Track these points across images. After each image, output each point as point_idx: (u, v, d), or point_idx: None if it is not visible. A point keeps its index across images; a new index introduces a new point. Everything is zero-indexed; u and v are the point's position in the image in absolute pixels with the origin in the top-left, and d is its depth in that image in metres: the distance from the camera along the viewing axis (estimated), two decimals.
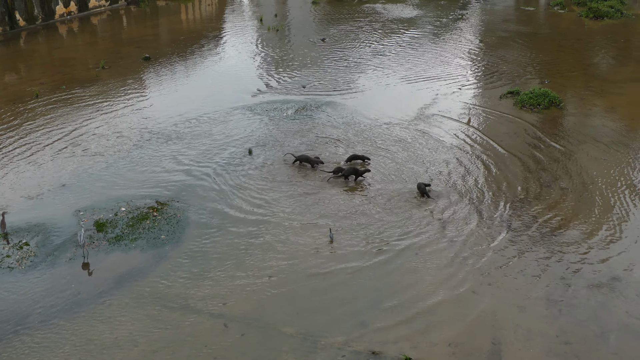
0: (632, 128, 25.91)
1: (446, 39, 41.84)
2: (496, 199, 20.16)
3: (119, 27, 45.79)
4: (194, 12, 53.20)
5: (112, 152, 23.70)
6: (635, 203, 19.91)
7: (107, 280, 16.25)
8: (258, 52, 38.52)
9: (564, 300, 15.39)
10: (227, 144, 24.35)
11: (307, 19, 48.81)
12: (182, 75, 33.65)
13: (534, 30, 45.27)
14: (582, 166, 22.42)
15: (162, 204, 19.87)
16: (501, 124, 26.51)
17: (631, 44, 40.14)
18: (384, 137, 24.89)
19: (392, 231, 18.34)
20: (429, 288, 15.87)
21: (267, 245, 17.70)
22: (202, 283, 16.12)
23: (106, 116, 27.29)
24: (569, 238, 17.98)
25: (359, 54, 37.82)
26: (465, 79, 32.69)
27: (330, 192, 20.68)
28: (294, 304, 15.37)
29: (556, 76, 33.13)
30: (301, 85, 30.22)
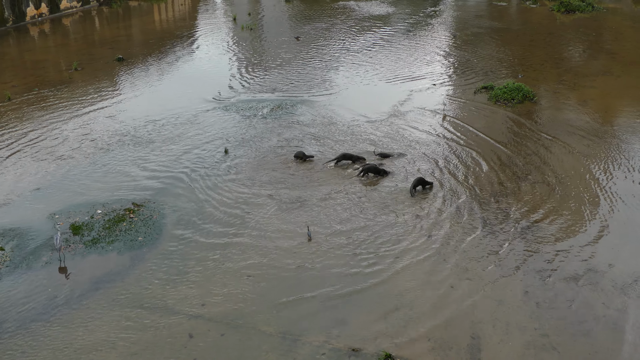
0: (605, 120, 26.17)
1: (419, 35, 41.99)
2: (473, 194, 20.27)
3: (92, 28, 45.46)
4: (166, 12, 52.94)
5: (86, 155, 23.53)
6: (609, 195, 20.11)
7: (84, 284, 16.14)
8: (232, 52, 38.42)
9: (541, 293, 15.51)
10: (203, 144, 24.28)
11: (280, 17, 48.77)
12: (156, 76, 33.48)
13: (506, 25, 45.57)
14: (557, 159, 22.61)
15: (138, 205, 19.77)
16: (476, 119, 26.66)
17: (602, 38, 40.53)
18: (361, 134, 24.93)
19: (366, 223, 18.39)
20: (407, 284, 15.93)
21: (245, 245, 17.67)
22: (180, 284, 16.06)
23: (80, 119, 27.08)
24: (545, 231, 18.13)
25: (334, 51, 37.86)
26: (440, 75, 32.84)
27: (311, 188, 20.68)
28: (273, 302, 15.36)
29: (529, 70, 33.38)
30: (272, 89, 30.11)
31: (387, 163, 22.31)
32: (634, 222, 18.59)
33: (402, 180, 21.18)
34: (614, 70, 33.06)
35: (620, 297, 15.30)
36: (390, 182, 21.08)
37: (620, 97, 29.23)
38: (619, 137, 24.51)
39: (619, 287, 15.65)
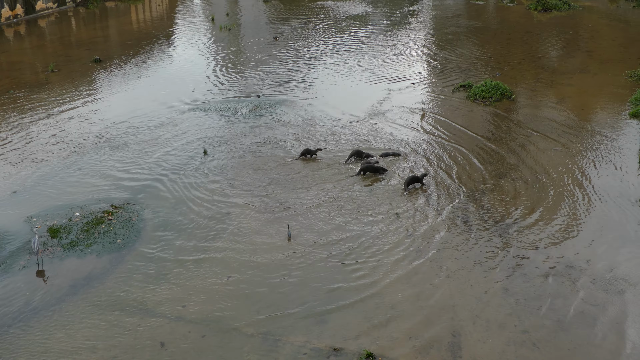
0: (582, 118, 26.35)
1: (398, 35, 42.09)
2: (452, 191, 20.33)
3: (68, 30, 45.13)
4: (144, 12, 52.66)
5: (64, 157, 23.34)
6: (586, 192, 20.25)
7: (63, 287, 16.01)
8: (210, 52, 38.31)
9: (521, 289, 15.59)
10: (182, 145, 24.18)
11: (259, 17, 48.69)
12: (134, 77, 33.29)
13: (484, 24, 45.79)
14: (534, 157, 22.74)
15: (117, 207, 19.65)
16: (454, 117, 26.75)
17: (579, 36, 40.83)
18: (342, 134, 24.94)
19: (348, 225, 18.40)
20: (387, 282, 15.94)
21: (225, 245, 17.61)
22: (160, 286, 15.97)
23: (57, 121, 26.87)
24: (523, 228, 18.22)
25: (312, 51, 37.86)
26: (418, 74, 32.94)
27: (288, 186, 20.65)
28: (254, 303, 15.32)
29: (507, 69, 33.56)
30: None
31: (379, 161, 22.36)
32: (611, 218, 18.73)
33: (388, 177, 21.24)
34: (591, 68, 33.30)
35: (598, 293, 15.40)
36: (365, 181, 21.13)
37: (596, 95, 29.45)
38: (596, 134, 24.69)
39: (598, 283, 15.76)
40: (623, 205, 19.45)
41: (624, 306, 15.00)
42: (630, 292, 15.47)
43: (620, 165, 21.99)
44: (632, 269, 16.33)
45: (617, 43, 38.91)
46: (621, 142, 23.91)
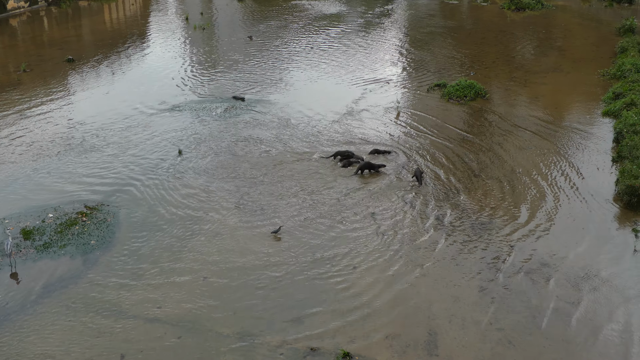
0: (555, 116, 26.57)
1: (373, 34, 42.16)
2: (427, 191, 20.39)
3: (40, 29, 44.69)
4: (117, 11, 52.28)
5: (36, 158, 23.08)
6: (560, 190, 20.41)
7: (36, 289, 15.83)
8: (184, 52, 38.12)
9: (496, 288, 15.67)
10: (157, 145, 24.02)
11: (233, 16, 48.56)
12: (107, 77, 33.03)
13: (458, 23, 46.02)
14: (509, 155, 22.88)
15: (91, 208, 19.47)
16: (429, 116, 26.84)
17: (551, 35, 41.16)
18: (317, 133, 24.92)
19: (323, 222, 18.39)
20: (364, 282, 15.95)
21: (200, 246, 17.52)
22: (136, 287, 15.85)
23: (29, 122, 26.57)
24: (498, 227, 18.32)
25: (286, 50, 37.81)
26: (393, 74, 33.02)
27: (265, 187, 20.61)
28: (230, 304, 15.25)
29: (481, 68, 33.75)
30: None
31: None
32: (585, 216, 18.90)
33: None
34: (564, 67, 33.60)
35: (573, 290, 15.53)
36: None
37: (570, 93, 29.71)
38: (570, 132, 24.91)
39: (572, 280, 15.89)
40: (597, 203, 19.63)
41: (597, 303, 15.13)
42: (603, 289, 15.62)
43: (594, 163, 22.20)
44: (605, 266, 16.49)
45: (590, 42, 39.29)
46: (594, 140, 24.14)
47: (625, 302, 15.20)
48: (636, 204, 19.26)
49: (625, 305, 15.07)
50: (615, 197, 19.95)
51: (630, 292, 15.53)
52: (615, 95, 27.74)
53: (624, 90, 27.59)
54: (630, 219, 18.81)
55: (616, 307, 15.02)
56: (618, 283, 15.85)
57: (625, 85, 28.21)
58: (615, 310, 14.92)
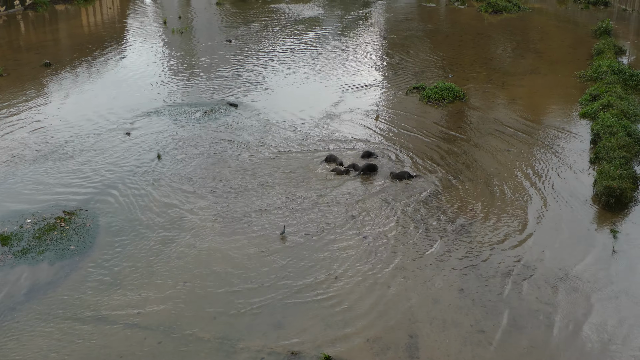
0: (533, 119, 26.75)
1: (351, 38, 42.22)
2: (406, 193, 20.45)
3: (17, 33, 44.33)
4: (94, 15, 51.98)
5: (13, 164, 22.88)
6: (539, 192, 20.55)
7: (14, 296, 15.68)
8: (163, 56, 37.97)
9: (476, 290, 15.74)
10: (135, 150, 23.89)
11: (212, 20, 48.44)
12: (85, 81, 32.80)
13: (435, 26, 46.22)
14: (488, 157, 23.01)
15: (70, 213, 19.33)
16: (408, 119, 26.92)
17: (528, 37, 41.45)
18: (297, 137, 24.91)
19: (304, 228, 18.38)
20: (344, 285, 15.96)
21: (181, 250, 17.45)
22: (115, 292, 15.75)
23: (4, 126, 26.32)
24: (478, 229, 18.41)
25: (265, 54, 37.78)
26: (372, 76, 33.09)
27: (247, 191, 20.56)
28: (210, 308, 15.20)
29: (459, 71, 33.91)
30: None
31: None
32: (563, 217, 19.04)
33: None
34: (541, 69, 33.84)
35: (552, 292, 15.63)
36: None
37: (547, 96, 29.94)
38: (548, 134, 25.10)
39: (551, 282, 15.99)
40: (575, 204, 19.79)
41: (577, 304, 15.25)
42: (582, 289, 15.74)
43: (572, 165, 22.38)
44: (584, 267, 16.63)
45: (566, 44, 39.62)
46: (572, 142, 24.34)
47: (604, 301, 15.32)
48: (614, 205, 19.44)
49: (605, 305, 15.20)
50: (594, 198, 20.12)
51: (609, 292, 15.67)
52: (592, 97, 27.98)
53: (600, 92, 27.84)
54: (608, 220, 18.97)
55: (595, 307, 15.14)
56: (597, 283, 15.98)
57: (602, 87, 28.47)
58: (594, 310, 15.03)
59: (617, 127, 23.40)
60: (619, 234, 18.20)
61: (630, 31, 43.04)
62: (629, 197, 19.72)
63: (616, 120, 24.04)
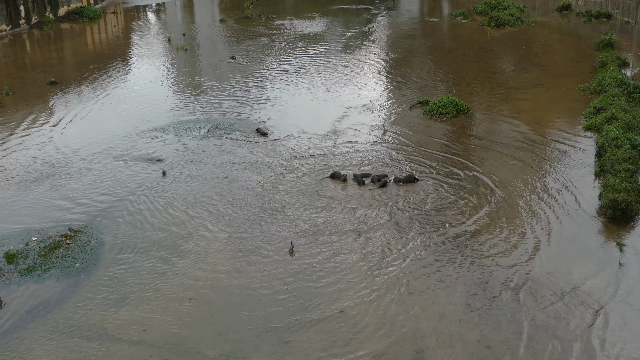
0: (538, 132, 26.74)
1: (354, 54, 42.28)
2: (411, 207, 20.44)
3: (22, 52, 44.56)
4: (99, 33, 52.26)
5: (19, 181, 22.94)
6: (545, 206, 20.52)
7: (20, 314, 15.69)
8: (167, 73, 38.11)
9: (482, 304, 15.69)
10: (140, 166, 23.94)
11: (216, 37, 48.64)
12: (90, 99, 32.91)
13: (439, 40, 46.33)
14: (492, 171, 22.98)
15: (75, 231, 19.36)
16: (413, 133, 26.94)
17: (532, 51, 41.49)
18: (300, 151, 24.93)
19: (307, 244, 18.37)
20: (349, 301, 15.93)
21: (186, 268, 17.45)
22: (120, 310, 15.75)
23: (11, 145, 26.43)
24: (483, 243, 18.38)
25: (269, 70, 37.89)
26: (375, 92, 33.14)
27: (251, 206, 20.58)
28: (215, 325, 15.19)
29: (463, 85, 33.95)
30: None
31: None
32: (567, 231, 19.01)
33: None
34: (545, 82, 33.86)
35: (560, 306, 15.57)
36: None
37: (551, 109, 29.93)
38: (552, 147, 25.07)
39: (558, 295, 15.94)
40: (581, 217, 19.75)
41: (584, 318, 15.18)
42: (590, 303, 15.68)
43: (577, 178, 22.35)
44: (590, 281, 16.57)
45: (569, 57, 39.65)
46: (577, 155, 24.31)
47: (611, 315, 15.26)
48: (619, 217, 19.40)
49: (612, 319, 15.13)
50: (599, 211, 20.08)
51: (616, 306, 15.60)
52: (596, 109, 27.98)
53: (604, 105, 27.84)
54: (614, 233, 18.92)
55: (603, 320, 15.07)
56: (604, 297, 15.92)
57: (606, 99, 28.46)
58: (601, 324, 14.97)
59: (621, 140, 23.38)
60: (625, 247, 18.15)
61: (633, 44, 43.08)
62: (635, 210, 19.67)
63: (621, 132, 24.03)
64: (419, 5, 63.83)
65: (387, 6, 60.87)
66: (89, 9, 55.87)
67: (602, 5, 56.29)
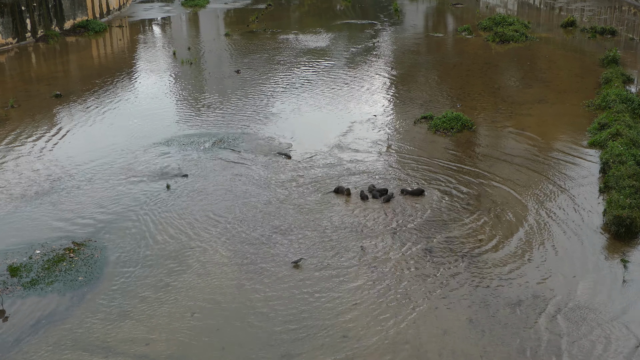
0: (542, 148, 26.73)
1: (358, 68, 42.35)
2: (415, 223, 20.42)
3: (28, 65, 44.73)
4: (104, 47, 52.48)
5: (24, 195, 22.97)
6: (548, 221, 20.49)
7: (23, 327, 15.69)
8: (172, 87, 38.22)
9: (486, 320, 15.65)
10: (144, 180, 23.96)
11: (221, 51, 48.79)
12: (95, 112, 32.97)
13: (443, 55, 46.43)
14: (497, 187, 22.97)
15: (78, 244, 19.37)
16: (417, 148, 26.95)
17: (536, 67, 41.55)
18: (304, 167, 24.95)
19: (311, 257, 18.35)
20: (352, 315, 15.90)
21: (189, 282, 17.44)
22: (123, 324, 15.74)
23: (15, 157, 26.48)
24: (487, 259, 18.35)
25: (273, 84, 37.96)
26: (379, 107, 33.16)
27: (255, 220, 20.58)
28: (219, 339, 15.17)
29: (467, 100, 33.98)
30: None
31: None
32: (571, 247, 18.98)
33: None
34: (549, 98, 33.88)
35: (563, 322, 15.53)
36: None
37: (555, 125, 29.95)
38: (557, 163, 25.07)
39: (562, 312, 15.90)
40: (585, 233, 19.73)
41: (587, 335, 15.13)
42: (593, 320, 15.63)
43: (581, 194, 22.34)
44: (594, 297, 16.53)
45: (574, 73, 39.71)
46: (581, 171, 24.31)
47: (614, 331, 15.20)
48: (624, 234, 19.36)
49: (615, 336, 15.08)
50: (603, 227, 20.05)
51: (620, 323, 15.55)
52: (600, 125, 27.98)
53: (609, 121, 27.84)
54: (618, 250, 18.89)
55: (606, 338, 15.02)
56: (607, 313, 15.88)
57: (610, 115, 28.47)
58: (604, 340, 14.92)
59: (626, 156, 23.37)
60: (629, 264, 18.11)
61: (637, 60, 43.12)
62: (639, 227, 19.62)
63: (625, 149, 24.01)
64: (423, 20, 63.99)
65: (391, 21, 61.00)
66: (95, 23, 56.05)
67: (607, 22, 56.39)
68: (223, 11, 69.46)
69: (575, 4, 67.92)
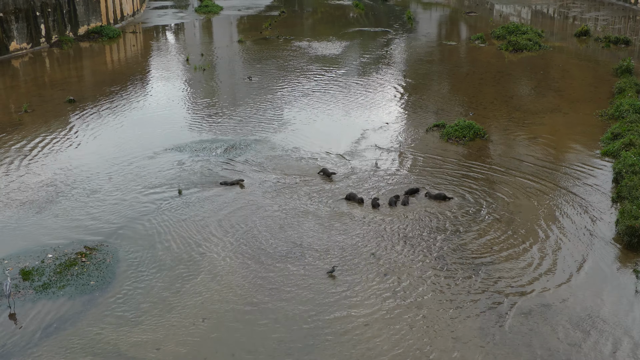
0: (554, 157, 26.66)
1: (371, 76, 42.37)
2: (427, 231, 20.39)
3: (42, 70, 45.01)
4: (118, 53, 52.73)
5: (37, 199, 23.08)
6: (560, 230, 20.41)
7: (35, 331, 15.76)
8: (185, 93, 38.33)
9: (497, 329, 15.60)
10: (156, 185, 24.03)
11: (233, 57, 48.93)
12: (108, 118, 33.11)
13: (456, 64, 46.38)
14: (509, 196, 22.91)
15: (90, 249, 19.45)
16: (429, 156, 26.92)
17: (549, 76, 41.45)
18: (317, 173, 24.97)
19: (322, 264, 18.35)
20: (364, 322, 15.88)
21: (200, 287, 17.47)
22: (134, 328, 15.77)
23: (29, 162, 26.62)
24: (499, 267, 18.29)
25: (286, 91, 38.02)
26: (392, 115, 33.16)
27: (265, 226, 20.60)
28: (229, 345, 15.18)
29: (479, 108, 33.92)
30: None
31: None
32: (584, 258, 18.91)
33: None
34: (562, 107, 33.78)
35: (575, 332, 15.46)
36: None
37: (568, 134, 29.85)
38: (569, 172, 24.98)
39: (574, 322, 15.83)
40: (597, 243, 19.64)
41: (599, 345, 15.05)
42: (605, 330, 15.55)
43: (594, 204, 22.24)
44: (606, 308, 16.44)
45: (587, 83, 39.60)
46: (594, 181, 24.20)
47: (626, 342, 15.12)
48: (636, 244, 19.26)
49: (627, 346, 14.99)
50: (616, 237, 19.96)
51: (633, 334, 15.46)
52: (613, 135, 27.88)
53: (622, 131, 27.74)
54: (631, 260, 18.79)
55: (619, 349, 14.93)
56: (620, 324, 15.79)
57: (624, 125, 28.36)
58: (617, 351, 14.83)
59: (639, 166, 23.26)
60: None
61: None
62: None
63: (638, 159, 23.91)
64: (436, 28, 64.02)
65: (404, 29, 61.02)
66: (109, 28, 56.34)
67: (621, 31, 56.22)
68: (236, 18, 69.69)
69: (590, 13, 67.76)
